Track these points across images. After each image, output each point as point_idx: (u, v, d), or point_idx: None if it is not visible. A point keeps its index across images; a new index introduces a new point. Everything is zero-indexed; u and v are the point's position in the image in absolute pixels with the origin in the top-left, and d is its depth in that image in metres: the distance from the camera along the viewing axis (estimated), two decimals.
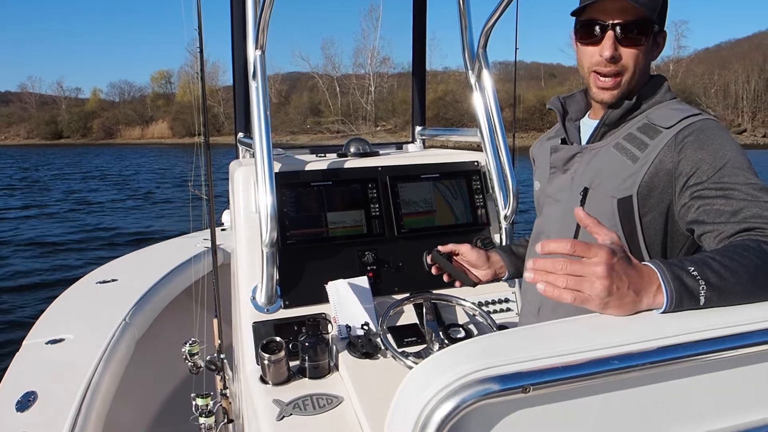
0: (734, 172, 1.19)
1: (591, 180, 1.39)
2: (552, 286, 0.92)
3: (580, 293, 0.92)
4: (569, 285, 0.92)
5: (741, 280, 0.99)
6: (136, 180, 27.04)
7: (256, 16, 1.89)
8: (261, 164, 1.80)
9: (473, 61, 2.26)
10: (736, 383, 0.91)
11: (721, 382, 0.90)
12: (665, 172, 1.27)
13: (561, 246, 0.92)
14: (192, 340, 2.45)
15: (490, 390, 0.75)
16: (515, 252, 1.80)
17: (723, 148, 1.22)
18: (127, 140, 72.92)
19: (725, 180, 1.19)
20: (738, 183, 1.18)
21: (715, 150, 1.22)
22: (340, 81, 60.85)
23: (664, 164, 1.27)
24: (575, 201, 1.40)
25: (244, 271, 1.95)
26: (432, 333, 1.84)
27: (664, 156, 1.27)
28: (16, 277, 9.56)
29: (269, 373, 1.69)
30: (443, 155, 2.35)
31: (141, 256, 3.99)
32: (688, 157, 1.24)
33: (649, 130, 1.32)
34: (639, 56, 1.35)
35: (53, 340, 2.48)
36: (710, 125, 1.27)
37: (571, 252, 0.92)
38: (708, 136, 1.25)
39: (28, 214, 15.97)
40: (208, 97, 2.74)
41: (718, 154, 1.22)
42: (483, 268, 1.76)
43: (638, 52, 1.34)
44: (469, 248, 1.75)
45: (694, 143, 1.24)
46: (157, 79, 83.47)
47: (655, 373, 0.84)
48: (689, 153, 1.24)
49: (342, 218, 2.05)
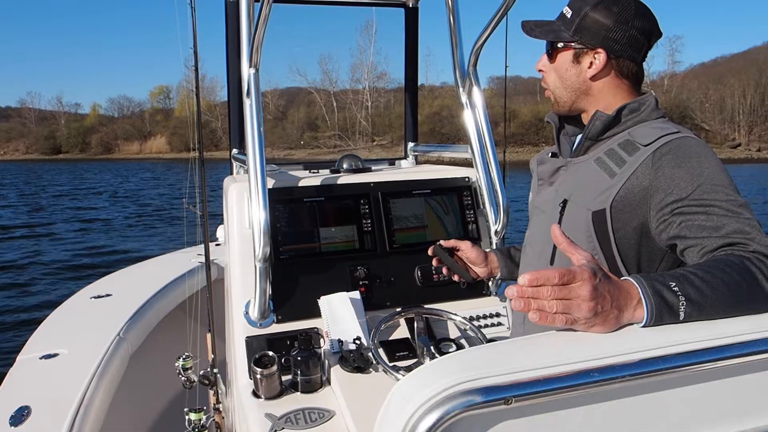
0: (714, 188, 1.21)
1: (570, 192, 1.43)
2: (543, 312, 0.94)
3: (569, 316, 0.94)
4: (559, 310, 0.93)
5: (721, 296, 1.01)
6: (133, 196, 27.00)
7: (250, 35, 1.93)
8: (254, 180, 1.83)
9: (464, 78, 2.30)
10: (715, 395, 0.93)
11: (701, 393, 0.91)
12: (641, 189, 1.29)
13: (548, 279, 0.94)
14: (185, 355, 2.46)
15: (473, 401, 0.76)
16: (512, 256, 1.88)
17: (701, 166, 1.25)
18: (125, 155, 72.98)
19: (705, 197, 1.21)
20: (718, 199, 1.20)
21: (692, 167, 1.25)
22: (337, 96, 61.11)
23: (640, 181, 1.30)
24: (556, 212, 1.44)
25: (238, 285, 1.96)
26: (423, 347, 1.85)
27: (641, 173, 1.30)
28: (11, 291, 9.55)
29: (262, 387, 1.70)
30: (435, 171, 2.38)
31: (135, 271, 4.00)
32: (665, 175, 1.26)
33: (628, 147, 1.35)
34: (555, 71, 1.49)
35: (47, 354, 2.49)
36: (688, 143, 1.30)
37: (560, 283, 0.94)
38: (685, 153, 1.27)
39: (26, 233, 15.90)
40: (206, 113, 2.78)
41: (696, 171, 1.24)
42: (481, 266, 1.86)
43: (552, 67, 1.49)
44: (470, 245, 1.86)
45: (671, 161, 1.27)
46: (156, 94, 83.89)
47: (636, 385, 0.85)
48: (666, 171, 1.27)
49: (334, 233, 2.08)
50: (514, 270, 1.85)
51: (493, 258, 1.87)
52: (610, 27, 1.39)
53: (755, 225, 1.17)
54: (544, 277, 0.93)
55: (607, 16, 1.39)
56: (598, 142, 1.44)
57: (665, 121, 1.42)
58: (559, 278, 0.93)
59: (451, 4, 2.35)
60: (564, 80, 1.47)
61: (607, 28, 1.39)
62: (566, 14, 1.45)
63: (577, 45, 1.43)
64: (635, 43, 1.41)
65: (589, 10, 1.40)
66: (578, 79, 1.45)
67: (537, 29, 1.49)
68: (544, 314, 0.94)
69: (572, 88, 1.46)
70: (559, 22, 1.46)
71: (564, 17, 1.45)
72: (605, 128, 1.41)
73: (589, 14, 1.40)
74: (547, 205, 1.52)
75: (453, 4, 2.35)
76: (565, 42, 1.44)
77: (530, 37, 1.49)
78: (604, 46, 1.40)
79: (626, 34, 1.40)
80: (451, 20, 2.35)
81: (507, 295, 1.00)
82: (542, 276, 0.94)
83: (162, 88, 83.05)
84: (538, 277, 0.94)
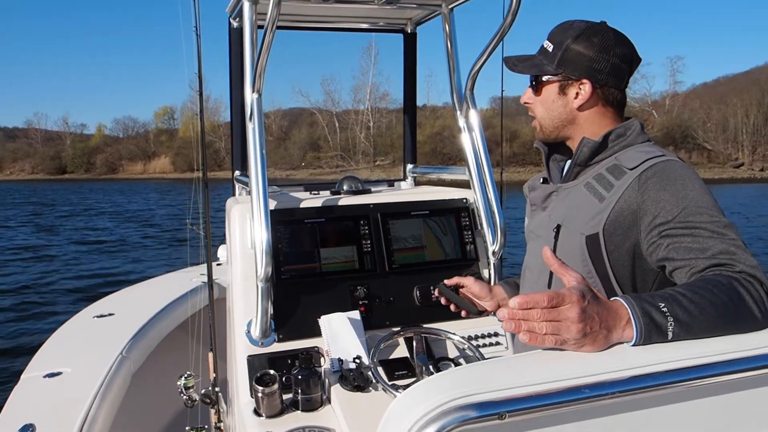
0: (698, 210, 1.25)
1: (563, 217, 1.46)
2: (533, 334, 0.98)
3: (558, 336, 0.98)
4: (548, 331, 0.97)
5: (708, 317, 1.04)
6: (137, 217, 27.05)
7: (254, 61, 1.99)
8: (257, 202, 1.87)
9: (461, 102, 2.35)
10: (702, 412, 0.95)
11: (689, 410, 0.94)
12: (630, 212, 1.33)
13: (537, 302, 0.98)
14: (187, 374, 2.48)
15: (468, 417, 0.79)
16: (518, 285, 1.88)
17: (685, 188, 1.28)
18: (129, 175, 73.31)
19: (690, 219, 1.24)
20: (703, 221, 1.23)
21: (677, 190, 1.28)
22: (339, 116, 61.44)
23: (628, 204, 1.33)
24: (551, 237, 1.47)
25: (240, 305, 1.99)
26: (422, 366, 1.88)
27: (629, 196, 1.33)
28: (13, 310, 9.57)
29: (263, 405, 1.72)
30: (433, 192, 2.42)
31: (137, 290, 4.04)
32: (651, 198, 1.30)
33: (615, 171, 1.39)
34: (541, 103, 1.53)
35: (51, 373, 2.51)
36: (673, 166, 1.34)
37: (548, 306, 0.98)
38: (669, 176, 1.31)
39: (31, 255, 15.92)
40: (209, 133, 2.84)
41: (681, 194, 1.28)
42: (486, 299, 1.87)
43: (539, 99, 1.53)
44: (473, 281, 1.88)
45: (656, 184, 1.31)
46: (161, 114, 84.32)
47: (625, 402, 0.88)
48: (652, 194, 1.30)
49: (335, 254, 2.11)
50: None
51: (499, 290, 1.88)
52: (593, 57, 1.43)
53: (740, 245, 1.20)
54: (534, 301, 0.98)
55: (589, 47, 1.43)
56: (586, 167, 1.48)
57: (651, 144, 1.46)
58: (548, 301, 0.98)
59: (449, 30, 2.41)
60: (550, 111, 1.51)
61: (590, 58, 1.44)
62: (547, 48, 1.49)
63: (561, 77, 1.47)
64: (618, 71, 1.46)
65: (570, 43, 1.44)
66: (565, 110, 1.49)
67: (520, 64, 1.53)
68: (534, 335, 0.98)
69: (559, 119, 1.51)
70: (541, 56, 1.50)
71: (546, 51, 1.49)
72: (593, 154, 1.46)
73: (571, 47, 1.44)
74: (541, 229, 1.56)
75: (450, 30, 2.41)
76: (550, 75, 1.48)
77: (514, 72, 1.54)
78: (588, 76, 1.45)
79: (609, 63, 1.44)
80: (449, 46, 2.42)
81: (498, 317, 1.03)
82: (532, 299, 0.98)
83: (166, 109, 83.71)
84: (528, 300, 0.98)
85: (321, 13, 2.49)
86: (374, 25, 2.73)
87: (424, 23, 2.74)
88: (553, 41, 1.48)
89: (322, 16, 2.56)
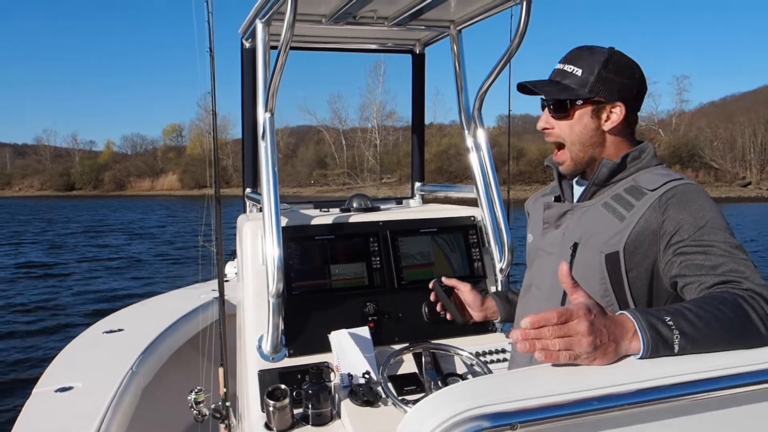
0: (713, 231, 1.30)
1: (581, 236, 1.49)
2: (548, 351, 1.01)
3: (572, 352, 1.00)
4: (562, 347, 1.00)
5: (714, 332, 1.07)
6: (146, 234, 27.15)
7: (266, 81, 2.04)
8: (269, 219, 1.91)
9: (469, 121, 2.39)
10: (707, 425, 0.97)
11: (694, 424, 0.96)
12: (650, 231, 1.37)
13: (548, 320, 1.01)
14: (198, 389, 2.50)
15: (481, 427, 0.81)
16: (509, 299, 1.91)
17: (703, 210, 1.33)
18: (137, 192, 73.75)
19: (705, 238, 1.29)
20: (717, 241, 1.28)
21: (695, 211, 1.33)
22: (346, 134, 61.75)
23: (649, 224, 1.37)
24: (566, 255, 1.50)
25: (251, 320, 2.02)
26: (431, 381, 1.89)
27: (650, 216, 1.37)
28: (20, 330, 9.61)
29: (274, 419, 1.74)
30: (441, 210, 2.46)
31: (145, 307, 4.07)
32: (671, 218, 1.34)
33: (635, 192, 1.43)
34: (570, 127, 1.50)
35: (62, 388, 2.54)
36: (691, 189, 1.39)
37: (559, 323, 1.01)
38: (689, 198, 1.36)
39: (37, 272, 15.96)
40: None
41: (698, 215, 1.32)
42: (476, 309, 1.91)
43: (567, 123, 1.50)
44: (469, 288, 1.91)
45: (676, 205, 1.35)
46: (169, 132, 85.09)
47: (632, 414, 0.90)
48: (672, 213, 1.35)
49: (345, 270, 2.15)
50: (512, 313, 1.87)
51: (490, 304, 1.91)
52: (623, 82, 1.47)
53: (750, 265, 1.24)
54: (544, 319, 1.01)
55: (619, 72, 1.47)
56: (603, 187, 1.52)
57: (664, 167, 1.51)
58: (557, 318, 1.01)
59: (457, 51, 2.46)
60: (581, 135, 1.51)
61: (620, 83, 1.47)
62: (574, 72, 1.49)
63: (594, 101, 1.48)
64: (641, 94, 1.52)
65: (601, 67, 1.46)
66: (596, 133, 1.51)
67: (548, 88, 1.52)
68: (548, 353, 1.01)
69: (590, 142, 1.51)
70: (568, 80, 1.50)
71: (572, 75, 1.49)
72: (611, 174, 1.49)
73: (602, 71, 1.46)
74: (554, 247, 1.58)
75: (458, 51, 2.46)
76: (584, 99, 1.48)
77: (545, 97, 1.52)
78: (621, 99, 1.48)
79: (636, 86, 1.49)
80: (457, 66, 2.47)
81: (511, 339, 1.06)
82: (542, 318, 1.01)
83: (174, 127, 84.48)
84: (539, 319, 1.01)
85: (331, 34, 2.55)
86: (383, 46, 2.79)
87: (432, 44, 2.80)
88: (578, 65, 1.49)
89: (332, 37, 2.62)
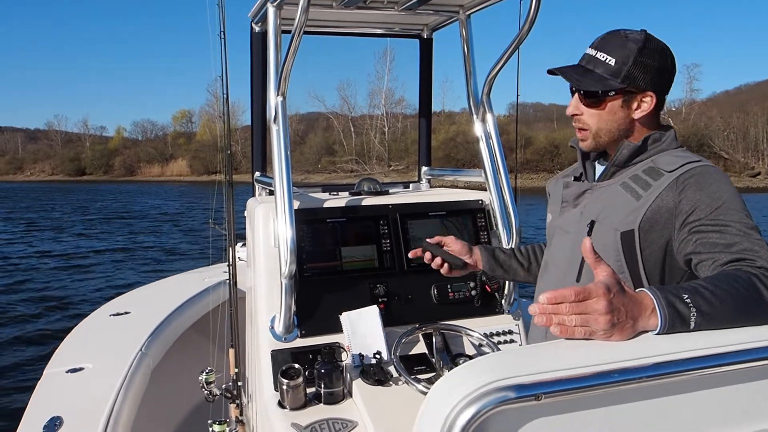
0: (729, 211, 1.33)
1: (597, 214, 1.52)
2: (564, 326, 1.04)
3: (587, 328, 1.04)
4: (578, 323, 1.04)
5: (728, 308, 1.11)
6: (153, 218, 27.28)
7: (278, 64, 2.05)
8: (281, 202, 1.93)
9: (478, 106, 2.40)
10: (721, 398, 1.01)
11: (708, 397, 0.99)
12: (666, 210, 1.40)
13: (566, 297, 1.04)
14: (209, 369, 2.55)
15: (508, 397, 0.84)
16: (495, 255, 1.95)
17: (720, 190, 1.36)
18: (147, 177, 74.03)
19: (721, 217, 1.32)
20: (732, 221, 1.31)
21: (713, 191, 1.36)
22: (354, 121, 61.55)
23: (665, 203, 1.40)
24: (583, 233, 1.52)
25: (263, 301, 2.06)
26: (441, 361, 1.93)
27: (666, 196, 1.40)
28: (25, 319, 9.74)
29: (287, 398, 1.79)
30: (450, 194, 2.48)
31: (152, 289, 4.13)
32: (688, 198, 1.37)
33: (653, 173, 1.46)
34: (599, 116, 1.52)
35: (73, 369, 2.59)
36: (709, 170, 1.42)
37: (576, 300, 1.04)
38: (707, 180, 1.39)
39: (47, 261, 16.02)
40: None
41: (716, 195, 1.35)
42: (466, 256, 1.93)
43: (597, 112, 1.52)
44: (454, 239, 1.95)
45: (694, 185, 1.38)
46: (179, 118, 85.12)
47: (650, 387, 0.94)
48: (689, 194, 1.37)
49: (355, 253, 2.18)
50: (495, 267, 1.93)
51: (477, 252, 1.94)
52: (658, 70, 1.48)
53: (764, 245, 1.27)
54: (561, 296, 1.04)
55: (654, 60, 1.47)
56: (623, 168, 1.54)
57: (684, 150, 1.53)
58: (575, 296, 1.04)
59: (466, 36, 2.46)
60: (611, 123, 1.52)
61: (655, 71, 1.48)
62: (606, 61, 1.48)
63: (628, 89, 1.48)
64: (672, 79, 1.53)
65: (637, 56, 1.46)
66: (625, 121, 1.52)
67: (580, 77, 1.52)
68: (564, 327, 1.04)
69: (618, 130, 1.53)
70: (600, 69, 1.49)
71: (605, 64, 1.49)
72: (632, 156, 1.52)
73: (638, 60, 1.46)
74: (571, 226, 1.61)
75: (467, 36, 2.46)
76: (616, 90, 1.49)
77: (578, 87, 1.52)
78: (653, 88, 1.49)
79: (669, 73, 1.51)
80: (466, 51, 2.47)
81: (530, 312, 1.09)
82: (560, 294, 1.04)
83: (184, 112, 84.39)
84: (557, 295, 1.04)
85: (340, 18, 2.55)
86: (391, 31, 2.79)
87: (440, 29, 2.80)
88: (611, 54, 1.48)
89: (341, 21, 2.62)
